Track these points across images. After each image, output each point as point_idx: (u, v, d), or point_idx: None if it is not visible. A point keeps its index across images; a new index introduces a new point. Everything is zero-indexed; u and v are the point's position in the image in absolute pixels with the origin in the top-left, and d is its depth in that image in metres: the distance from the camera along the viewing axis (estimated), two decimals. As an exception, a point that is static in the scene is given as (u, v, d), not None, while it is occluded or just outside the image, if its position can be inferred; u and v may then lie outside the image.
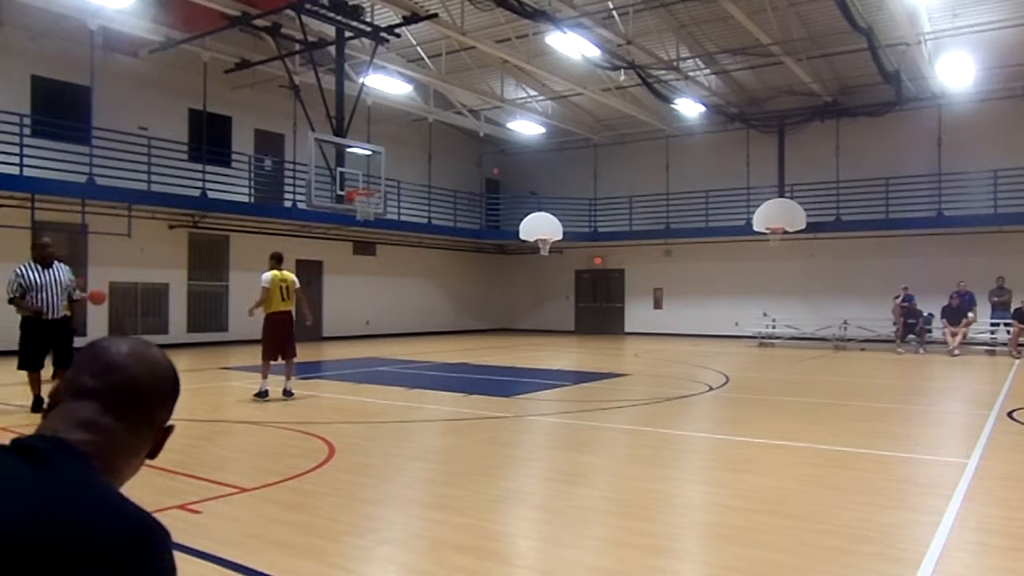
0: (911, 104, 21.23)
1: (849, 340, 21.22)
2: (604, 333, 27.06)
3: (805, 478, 5.99)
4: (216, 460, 6.33)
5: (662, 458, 6.90)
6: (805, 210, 21.66)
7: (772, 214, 21.60)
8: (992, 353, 19.07)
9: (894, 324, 20.02)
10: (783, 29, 17.97)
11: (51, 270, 8.80)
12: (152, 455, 1.39)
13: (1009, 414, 9.09)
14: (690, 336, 24.79)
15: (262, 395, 9.95)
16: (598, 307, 28.07)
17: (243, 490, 5.37)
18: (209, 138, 19.43)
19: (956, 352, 18.34)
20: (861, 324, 21.06)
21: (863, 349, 20.15)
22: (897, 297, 19.99)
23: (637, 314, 27.17)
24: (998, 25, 17.38)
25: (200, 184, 18.98)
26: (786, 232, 21.43)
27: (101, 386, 1.30)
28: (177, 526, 4.39)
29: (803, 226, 21.39)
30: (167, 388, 1.39)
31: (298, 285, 10.56)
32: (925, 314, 19.76)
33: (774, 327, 22.53)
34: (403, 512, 5.16)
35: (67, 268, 9.05)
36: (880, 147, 22.59)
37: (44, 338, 8.71)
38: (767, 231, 21.52)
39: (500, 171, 29.93)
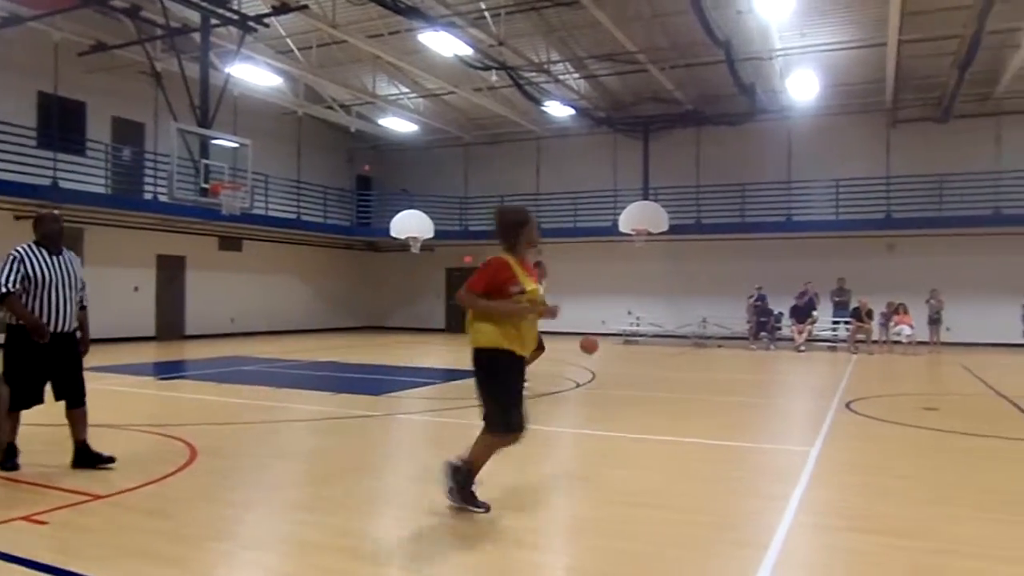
0: (765, 115, 22.48)
1: (708, 337, 22.23)
2: (475, 331, 27.20)
3: (669, 470, 6.28)
4: (66, 467, 5.99)
5: (532, 454, 7.02)
6: (668, 213, 22.53)
7: (637, 216, 22.33)
8: (833, 349, 20.47)
9: (748, 322, 21.17)
10: (648, 38, 18.64)
11: (62, 259, 6.02)
12: None
13: (847, 405, 9.81)
14: (558, 334, 25.21)
15: None
16: (469, 305, 28.19)
17: (97, 497, 5.12)
18: (61, 124, 18.27)
19: (802, 348, 19.60)
20: (719, 322, 22.12)
21: (720, 346, 21.18)
22: (751, 297, 21.15)
23: (507, 312, 27.45)
24: (839, 46, 18.76)
25: (51, 173, 17.81)
26: (650, 234, 22.20)
27: None
28: (20, 539, 4.17)
29: (666, 228, 22.23)
30: None
31: None
32: (775, 312, 21.00)
33: (639, 325, 23.33)
34: (270, 515, 5.06)
35: (79, 260, 6.29)
36: (737, 154, 23.78)
37: (47, 360, 5.79)
38: (632, 232, 22.24)
39: (371, 168, 29.57)
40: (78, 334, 6.10)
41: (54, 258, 5.93)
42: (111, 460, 5.92)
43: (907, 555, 4.16)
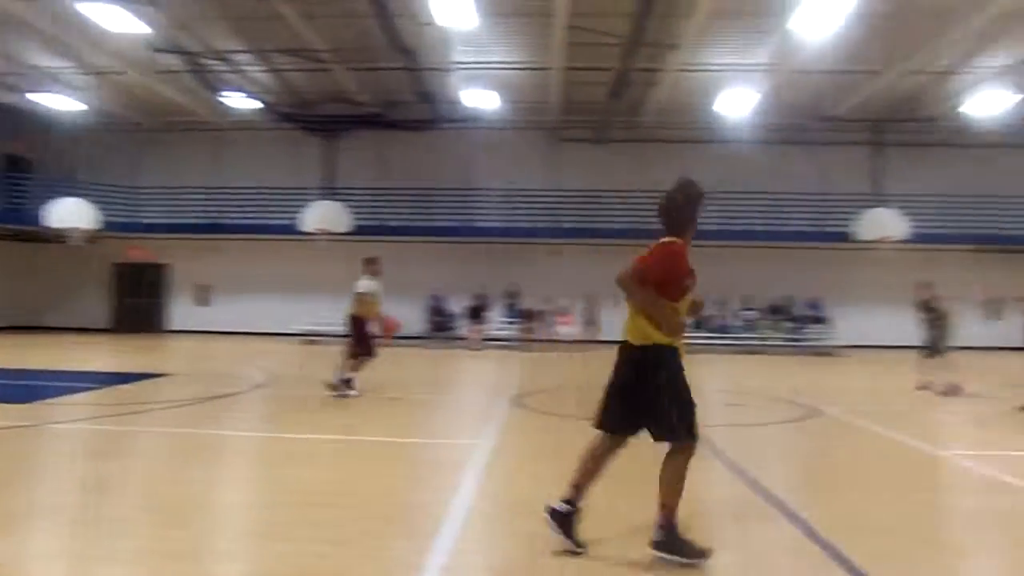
0: (447, 124, 23.52)
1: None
2: (145, 331, 25.29)
3: (343, 468, 6.46)
4: None
5: (203, 460, 6.85)
6: (353, 214, 22.72)
7: (320, 216, 22.29)
8: (505, 348, 22.03)
9: (426, 322, 22.07)
10: (334, 37, 18.62)
11: None
12: None
13: (516, 400, 10.71)
14: (239, 334, 24.37)
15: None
16: (139, 303, 26.15)
17: None
18: None
19: (476, 347, 20.86)
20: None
21: (398, 346, 21.80)
22: (429, 297, 22.08)
23: (182, 311, 25.91)
24: (513, 66, 20.26)
25: None
26: (333, 234, 22.24)
27: None
28: None
29: (349, 229, 22.41)
30: None
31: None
32: (452, 313, 22.15)
33: (321, 325, 23.25)
34: None
35: None
36: (421, 160, 24.59)
37: None
38: (315, 232, 22.13)
39: (26, 148, 26.19)
40: None
41: None
42: None
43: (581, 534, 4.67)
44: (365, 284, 10.92)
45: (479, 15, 15.96)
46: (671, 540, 4.13)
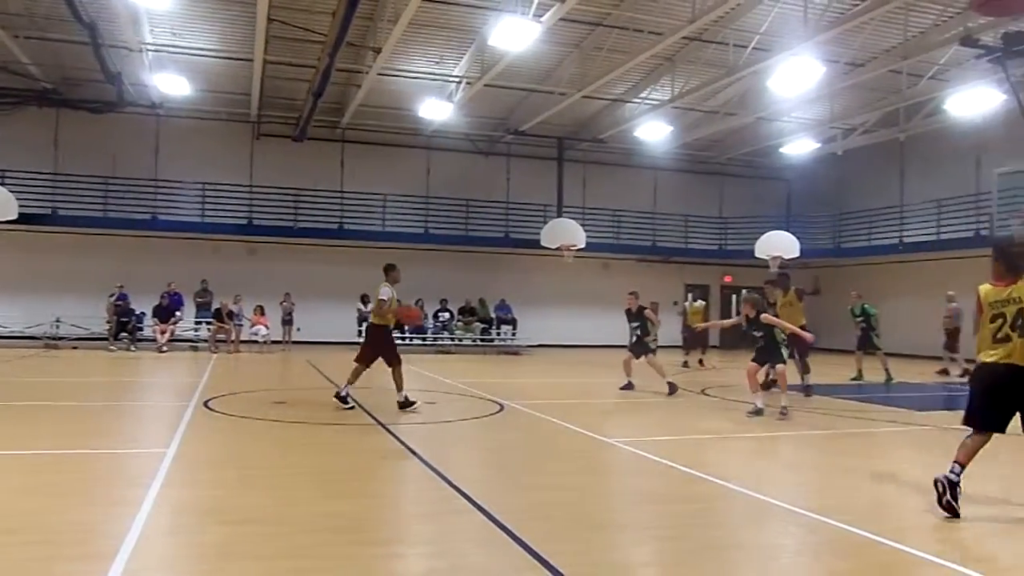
0: (132, 108, 21.77)
1: (62, 339, 20.65)
2: None
3: (7, 488, 5.78)
4: None
5: None
6: (18, 200, 20.20)
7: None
8: (196, 349, 20.91)
9: (108, 322, 20.31)
10: (-1, 0, 16.55)
11: None
12: None
13: (206, 404, 10.27)
14: None
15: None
16: None
17: None
18: None
19: (164, 349, 19.59)
20: (75, 322, 20.71)
21: (76, 347, 19.88)
22: (112, 296, 20.32)
23: None
24: (210, 53, 19.37)
25: None
26: (-2, 222, 19.68)
27: None
28: None
29: (14, 216, 19.93)
30: None
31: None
32: (138, 312, 20.59)
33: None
34: None
35: None
36: (101, 144, 22.49)
37: None
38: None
39: None
40: None
41: None
42: None
43: (277, 539, 4.62)
44: (387, 291, 10.25)
45: (173, -5, 15.13)
46: (952, 487, 5.31)
